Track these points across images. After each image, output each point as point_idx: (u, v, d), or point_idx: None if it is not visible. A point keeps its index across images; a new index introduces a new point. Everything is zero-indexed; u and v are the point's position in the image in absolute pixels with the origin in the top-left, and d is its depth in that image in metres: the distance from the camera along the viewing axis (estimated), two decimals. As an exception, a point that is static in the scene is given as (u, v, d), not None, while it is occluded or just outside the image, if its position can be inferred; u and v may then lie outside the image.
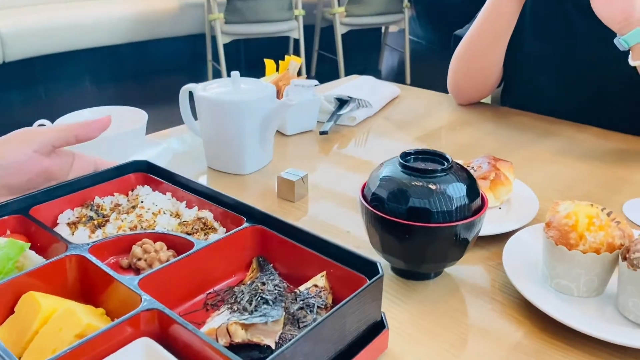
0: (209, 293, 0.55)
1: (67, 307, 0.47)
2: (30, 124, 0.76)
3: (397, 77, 4.35)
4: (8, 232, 0.59)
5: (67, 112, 0.83)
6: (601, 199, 0.78)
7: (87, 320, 0.46)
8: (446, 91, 1.21)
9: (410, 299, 0.59)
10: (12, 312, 0.49)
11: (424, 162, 0.60)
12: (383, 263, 0.63)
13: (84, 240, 0.58)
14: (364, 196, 0.60)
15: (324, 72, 4.04)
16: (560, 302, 0.56)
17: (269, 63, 1.08)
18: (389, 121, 1.12)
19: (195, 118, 0.89)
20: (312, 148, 0.99)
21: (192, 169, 0.90)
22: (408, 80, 4.00)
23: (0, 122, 3.10)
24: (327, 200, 0.81)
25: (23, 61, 3.29)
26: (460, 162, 0.80)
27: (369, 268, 0.50)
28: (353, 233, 0.71)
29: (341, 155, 0.98)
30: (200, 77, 3.61)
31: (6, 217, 0.59)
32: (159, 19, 3.70)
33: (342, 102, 1.10)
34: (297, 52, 3.73)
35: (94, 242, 0.55)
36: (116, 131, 0.79)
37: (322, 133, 0.99)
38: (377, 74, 4.40)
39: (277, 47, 3.77)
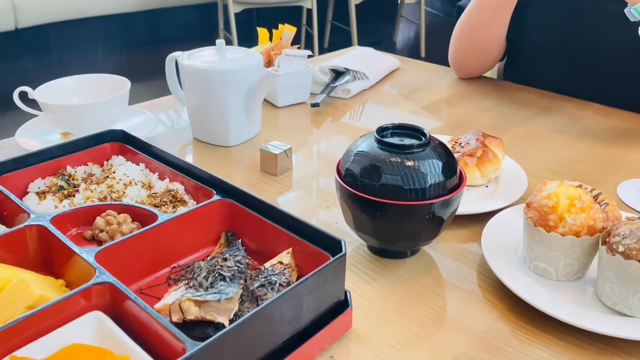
0: (173, 267, 0.54)
1: (21, 278, 0.46)
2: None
3: (412, 49, 4.26)
4: (-26, 201, 0.58)
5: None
6: (595, 180, 0.75)
7: (40, 291, 0.45)
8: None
9: (382, 278, 0.57)
10: (-31, 281, 0.49)
11: (401, 138, 0.57)
12: (357, 239, 0.62)
13: (50, 210, 0.57)
14: (338, 172, 0.58)
15: (337, 43, 3.97)
16: (538, 285, 0.54)
17: (262, 32, 1.05)
18: (385, 94, 1.09)
19: (182, 88, 0.87)
20: (303, 120, 0.97)
21: (178, 140, 0.89)
22: (423, 53, 3.91)
23: (13, 89, 3.11)
24: (313, 174, 0.79)
25: (36, 28, 3.28)
26: (448, 137, 0.77)
27: (334, 246, 0.48)
28: (332, 210, 0.69)
29: (333, 128, 0.95)
30: (211, 47, 3.58)
31: (-28, 186, 0.58)
32: (170, -14, 3.66)
33: (337, 74, 1.07)
34: (309, 23, 3.66)
35: (57, 213, 0.54)
36: (96, 99, 0.78)
37: (313, 105, 0.96)
38: (392, 46, 4.32)
39: (290, 17, 3.69)
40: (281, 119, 0.97)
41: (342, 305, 0.49)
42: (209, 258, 0.50)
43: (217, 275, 0.47)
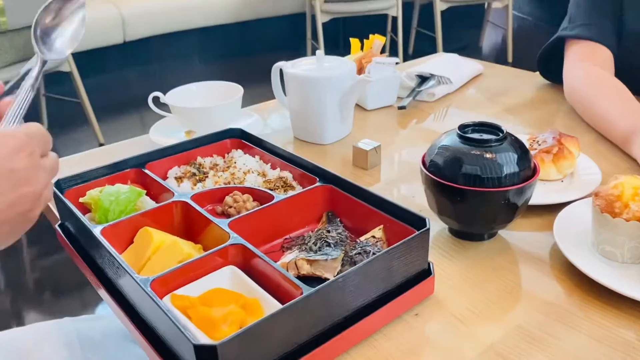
0: (286, 238, 0.65)
1: (173, 240, 0.59)
2: (143, 98, 0.90)
3: (498, 54, 4.22)
4: (129, 182, 0.73)
5: (176, 87, 0.97)
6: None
7: (188, 250, 0.58)
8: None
9: (460, 256, 0.66)
10: (131, 242, 0.63)
11: (481, 134, 0.66)
12: (440, 224, 0.70)
13: (188, 191, 0.71)
14: (423, 163, 0.67)
15: (422, 49, 4.02)
16: (604, 266, 0.60)
17: (354, 42, 1.16)
18: (468, 98, 1.16)
19: (285, 93, 1.00)
20: (390, 122, 1.06)
21: (281, 139, 1.01)
22: (510, 58, 3.87)
23: (119, 96, 3.44)
24: (398, 169, 0.88)
25: (141, 40, 3.61)
26: (526, 136, 0.84)
27: (420, 223, 0.58)
28: (417, 199, 0.78)
29: (418, 129, 1.04)
30: (300, 55, 3.75)
31: (128, 170, 0.73)
32: (262, -1, 3.89)
33: (423, 79, 1.16)
34: (395, 30, 3.74)
35: (195, 192, 0.67)
36: (216, 103, 0.92)
37: (400, 108, 1.06)
38: (478, 52, 4.30)
39: (376, 25, 3.80)
40: (370, 121, 1.07)
41: (426, 273, 0.58)
42: (316, 230, 0.61)
43: (323, 242, 0.58)
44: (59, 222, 0.70)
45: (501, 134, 0.64)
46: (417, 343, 0.54)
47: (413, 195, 0.79)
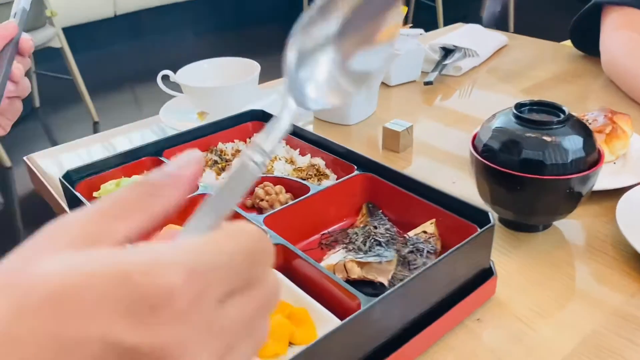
0: (323, 234, 0.59)
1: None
2: (137, 74, 0.83)
3: (498, 24, 4.12)
4: (145, 172, 0.66)
5: (170, 62, 0.89)
6: None
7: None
8: (555, 40, 1.14)
9: (518, 250, 0.60)
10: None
11: (538, 114, 0.59)
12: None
13: (211, 182, 0.64)
14: (474, 147, 0.61)
15: (422, 20, 3.91)
16: (679, 260, 0.54)
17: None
18: (496, 71, 1.09)
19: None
20: (415, 99, 0.99)
21: (299, 119, 0.94)
22: (511, 28, 3.78)
23: (111, 72, 3.33)
24: (430, 151, 0.82)
25: (132, 14, 3.48)
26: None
27: (479, 217, 0.52)
28: (458, 184, 0.72)
29: (445, 106, 0.97)
30: (297, 27, 3.63)
31: (144, 158, 0.66)
32: (257, -32, 3.75)
33: (447, 52, 1.08)
34: None
35: (221, 183, 0.60)
36: (232, 82, 0.85)
37: (426, 83, 0.99)
38: (478, 22, 4.20)
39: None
40: (393, 98, 1.00)
41: (487, 273, 0.52)
42: (361, 226, 0.55)
43: (372, 240, 0.51)
44: (69, 218, 0.63)
45: (563, 115, 0.57)
46: (482, 353, 0.48)
47: (453, 181, 0.73)
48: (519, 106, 0.59)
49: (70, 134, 2.53)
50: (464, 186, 0.71)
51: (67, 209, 0.65)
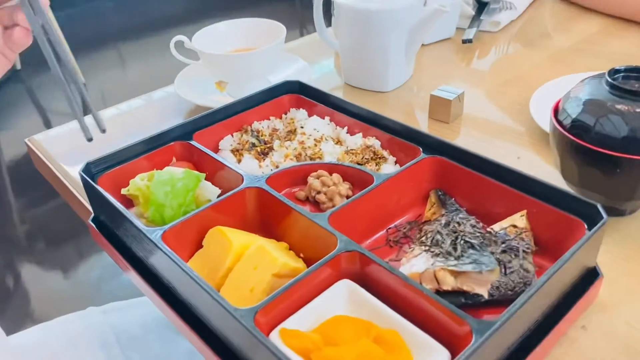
0: (389, 228, 0.51)
1: (260, 244, 0.45)
2: (122, 32, 0.73)
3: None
4: (174, 159, 0.57)
5: (156, 22, 0.79)
6: None
7: (283, 259, 0.44)
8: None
9: (607, 238, 0.52)
10: (198, 245, 0.48)
11: (637, 81, 0.51)
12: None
13: (253, 169, 0.55)
14: (558, 121, 0.52)
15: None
16: None
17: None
18: (535, 26, 0.99)
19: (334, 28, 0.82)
20: (451, 59, 0.90)
21: (326, 85, 0.84)
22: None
23: (94, 30, 3.14)
24: (481, 120, 0.74)
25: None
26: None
27: (582, 210, 0.44)
28: (523, 160, 0.64)
29: (486, 67, 0.88)
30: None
31: (172, 143, 0.57)
32: None
33: (481, 5, 0.98)
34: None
35: (271, 174, 0.52)
36: (253, 45, 0.75)
37: (465, 42, 0.89)
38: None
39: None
40: (427, 58, 0.91)
41: (591, 275, 0.45)
42: (443, 222, 0.47)
43: (463, 242, 0.44)
44: (92, 215, 0.54)
45: (667, 84, 0.49)
46: (594, 368, 0.42)
47: (518, 156, 0.65)
48: (613, 73, 0.51)
49: (58, 97, 2.39)
50: (531, 161, 0.64)
51: (88, 206, 0.56)
